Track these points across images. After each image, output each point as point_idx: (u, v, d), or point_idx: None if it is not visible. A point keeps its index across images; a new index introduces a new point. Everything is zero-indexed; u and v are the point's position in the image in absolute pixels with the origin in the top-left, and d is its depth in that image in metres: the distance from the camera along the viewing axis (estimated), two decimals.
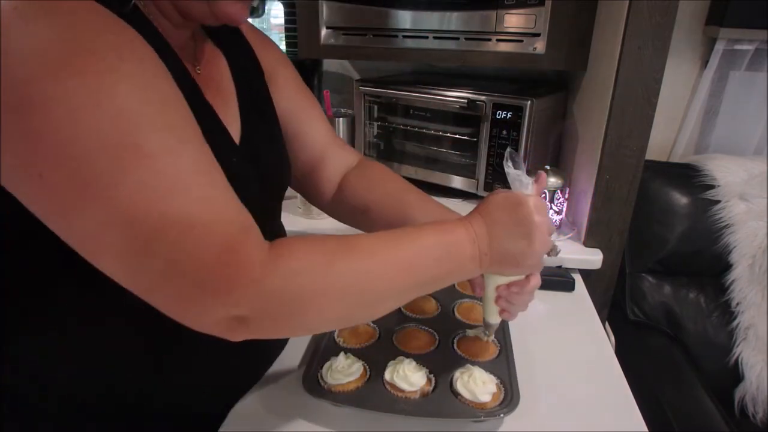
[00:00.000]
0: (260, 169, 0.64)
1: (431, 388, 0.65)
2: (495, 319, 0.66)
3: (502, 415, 0.61)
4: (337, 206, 0.79)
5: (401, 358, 0.68)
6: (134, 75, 0.42)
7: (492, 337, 0.73)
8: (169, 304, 0.44)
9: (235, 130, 0.61)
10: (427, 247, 0.53)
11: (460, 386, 0.64)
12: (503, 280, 0.61)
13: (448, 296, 0.86)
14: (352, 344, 0.73)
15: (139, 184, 0.40)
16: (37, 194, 0.41)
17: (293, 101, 0.75)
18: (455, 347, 0.74)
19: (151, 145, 0.41)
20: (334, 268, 0.47)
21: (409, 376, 0.64)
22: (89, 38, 0.40)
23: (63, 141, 0.38)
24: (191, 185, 0.43)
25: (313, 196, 0.81)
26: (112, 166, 0.39)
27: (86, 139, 0.39)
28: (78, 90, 0.38)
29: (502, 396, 0.64)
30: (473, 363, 0.68)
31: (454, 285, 0.89)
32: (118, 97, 0.40)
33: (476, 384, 0.63)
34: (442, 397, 0.64)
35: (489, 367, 0.68)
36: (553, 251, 0.61)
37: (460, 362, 0.69)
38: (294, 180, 0.79)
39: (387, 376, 0.66)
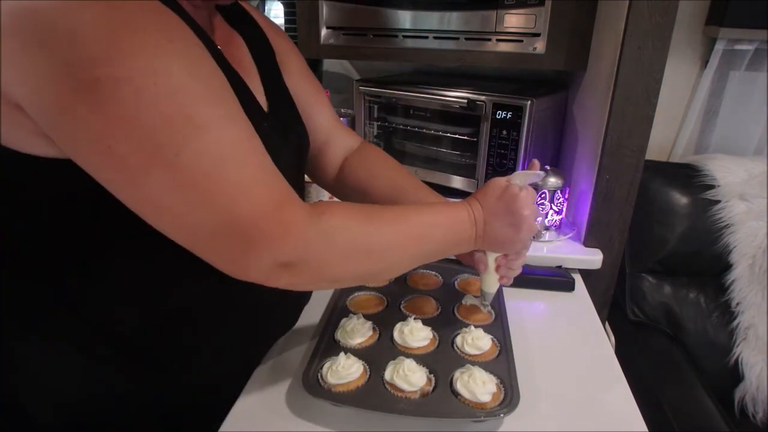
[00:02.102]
0: (288, 139, 0.70)
1: (431, 388, 0.65)
2: (492, 288, 0.76)
3: (502, 415, 0.61)
4: (339, 187, 0.85)
5: (401, 358, 0.68)
6: (183, 53, 0.46)
7: (488, 307, 0.82)
8: (222, 257, 0.49)
9: (262, 102, 0.66)
10: (437, 223, 0.64)
11: (460, 386, 0.64)
12: (496, 255, 0.73)
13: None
14: (353, 344, 0.73)
15: (196, 152, 0.45)
16: (107, 165, 0.45)
17: (302, 86, 0.79)
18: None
19: (204, 117, 0.46)
20: (366, 230, 0.56)
21: (409, 376, 0.64)
22: (137, 20, 0.44)
23: (128, 116, 0.43)
24: (241, 152, 0.48)
25: (318, 177, 0.88)
26: (172, 137, 0.44)
27: (148, 114, 0.43)
28: (138, 70, 0.42)
29: (502, 396, 0.64)
30: (473, 363, 0.68)
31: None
32: (173, 75, 0.44)
33: (476, 384, 0.63)
34: (442, 397, 0.64)
35: (489, 367, 0.68)
36: (537, 235, 0.76)
37: (460, 362, 0.69)
38: None
39: (387, 376, 0.66)
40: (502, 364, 0.70)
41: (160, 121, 0.43)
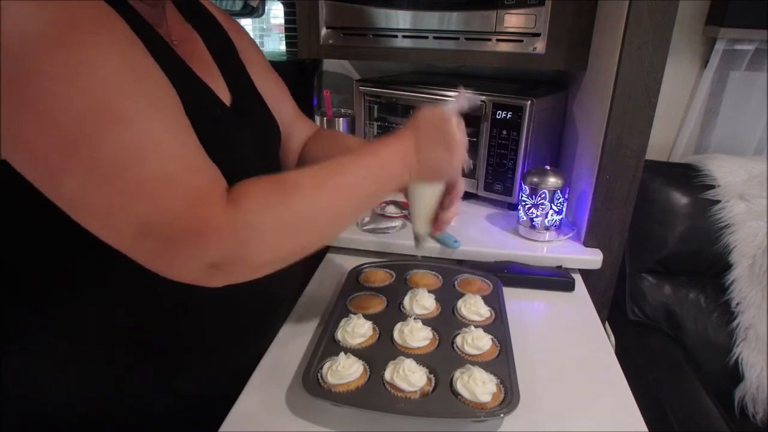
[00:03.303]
0: (254, 131, 0.68)
1: (431, 388, 0.65)
2: (424, 229, 0.73)
3: (502, 415, 0.61)
4: None
5: (401, 358, 0.68)
6: (109, 46, 0.45)
7: (422, 252, 0.80)
8: (149, 259, 0.47)
9: (224, 96, 0.65)
10: (364, 169, 0.60)
11: (460, 386, 0.64)
12: (427, 190, 0.70)
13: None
14: (353, 344, 0.73)
15: (117, 146, 0.44)
16: (29, 162, 0.45)
17: (264, 82, 0.79)
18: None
19: (127, 111, 0.44)
20: (288, 203, 0.52)
21: (409, 376, 0.64)
22: (65, 14, 0.43)
23: (46, 110, 0.42)
24: (163, 145, 0.46)
25: (282, 168, 0.86)
26: (92, 131, 0.43)
27: (67, 108, 0.42)
28: (57, 63, 0.42)
29: (502, 396, 0.64)
30: (473, 363, 0.68)
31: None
32: (95, 68, 0.43)
33: (476, 384, 0.63)
34: (442, 397, 0.64)
35: (489, 367, 0.68)
36: (467, 165, 0.72)
37: (460, 362, 0.69)
38: None
39: (387, 376, 0.66)
40: (502, 364, 0.69)
41: (78, 115, 0.42)
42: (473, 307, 0.81)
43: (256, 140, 0.69)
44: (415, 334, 0.73)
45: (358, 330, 0.74)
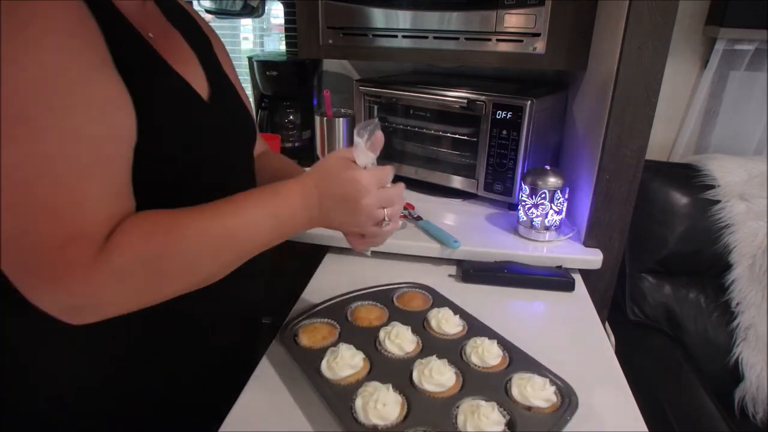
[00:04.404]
0: (232, 125, 0.67)
1: (506, 419, 0.60)
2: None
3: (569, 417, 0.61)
4: None
5: (463, 401, 0.63)
6: (50, 51, 0.43)
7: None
8: (13, 277, 0.45)
9: (203, 90, 0.63)
10: (258, 220, 0.56)
11: (519, 397, 0.63)
12: None
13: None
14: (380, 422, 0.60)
15: (20, 156, 0.42)
16: None
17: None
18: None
19: (42, 123, 0.42)
20: (160, 255, 0.49)
21: (488, 415, 0.59)
22: (12, 6, 0.41)
23: None
24: (60, 172, 0.44)
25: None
26: (3, 133, 0.41)
27: None
28: None
29: (559, 398, 0.64)
30: (495, 372, 0.68)
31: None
32: (26, 70, 0.42)
33: (535, 390, 0.63)
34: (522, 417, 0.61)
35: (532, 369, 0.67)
36: (394, 224, 0.66)
37: (497, 378, 0.67)
38: None
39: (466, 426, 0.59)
40: (533, 365, 0.69)
41: None
42: (451, 320, 0.77)
43: (233, 134, 0.68)
44: (438, 374, 0.65)
45: (381, 399, 0.61)
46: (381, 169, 0.63)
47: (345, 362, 0.66)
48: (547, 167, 1.05)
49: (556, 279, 0.96)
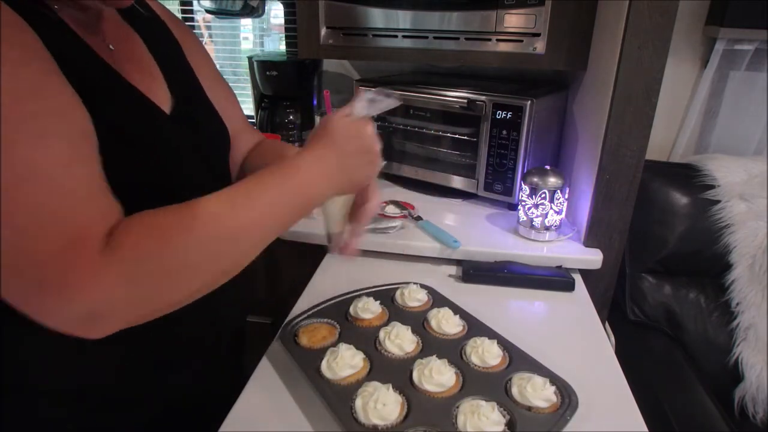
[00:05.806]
0: (197, 137, 0.65)
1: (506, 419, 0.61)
2: (337, 229, 0.69)
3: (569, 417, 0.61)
4: None
5: (463, 402, 0.63)
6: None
7: (336, 249, 0.71)
8: (16, 299, 0.42)
9: (164, 102, 0.62)
10: (279, 199, 0.53)
11: (520, 398, 0.63)
12: (339, 198, 0.66)
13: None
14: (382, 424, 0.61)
15: None
16: None
17: (213, 91, 0.75)
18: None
19: (9, 135, 0.41)
20: (171, 247, 0.46)
21: (488, 416, 0.59)
22: None
23: None
24: (44, 177, 0.42)
25: (231, 174, 0.82)
26: None
27: None
28: None
29: (558, 397, 0.64)
30: (496, 372, 0.67)
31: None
32: None
33: (535, 390, 0.63)
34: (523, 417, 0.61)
35: (533, 370, 0.67)
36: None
37: (498, 378, 0.67)
38: None
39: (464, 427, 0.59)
40: (533, 366, 0.69)
41: None
42: (451, 320, 0.77)
43: (200, 146, 0.65)
44: (438, 374, 0.65)
45: (381, 400, 0.61)
46: (363, 117, 0.62)
47: (345, 362, 0.66)
48: (547, 167, 1.05)
49: (556, 279, 0.96)
